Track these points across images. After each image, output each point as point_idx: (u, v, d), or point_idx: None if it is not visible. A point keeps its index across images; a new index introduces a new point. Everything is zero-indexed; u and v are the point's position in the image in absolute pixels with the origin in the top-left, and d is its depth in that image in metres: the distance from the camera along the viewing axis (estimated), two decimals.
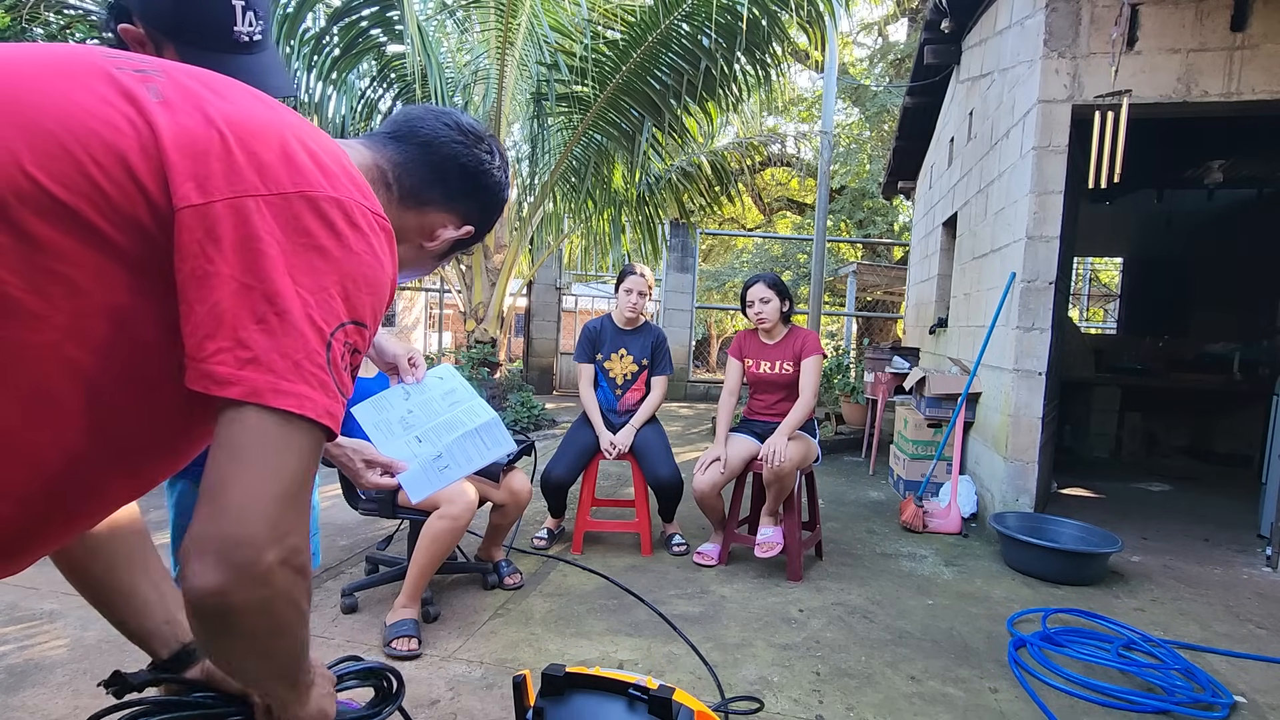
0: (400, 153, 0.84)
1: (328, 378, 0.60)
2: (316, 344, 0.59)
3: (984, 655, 2.24)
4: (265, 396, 0.56)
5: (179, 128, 0.59)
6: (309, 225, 0.61)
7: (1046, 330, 3.41)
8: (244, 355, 0.56)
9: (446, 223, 0.88)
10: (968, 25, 4.80)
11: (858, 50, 13.27)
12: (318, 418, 0.59)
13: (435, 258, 0.92)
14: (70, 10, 4.98)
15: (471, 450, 1.31)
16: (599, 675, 1.02)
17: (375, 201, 0.68)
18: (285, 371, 0.57)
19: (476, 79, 5.93)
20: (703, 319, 16.58)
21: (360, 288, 0.63)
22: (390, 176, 0.83)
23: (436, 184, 0.85)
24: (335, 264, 0.61)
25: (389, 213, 0.78)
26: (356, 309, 0.63)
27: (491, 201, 0.92)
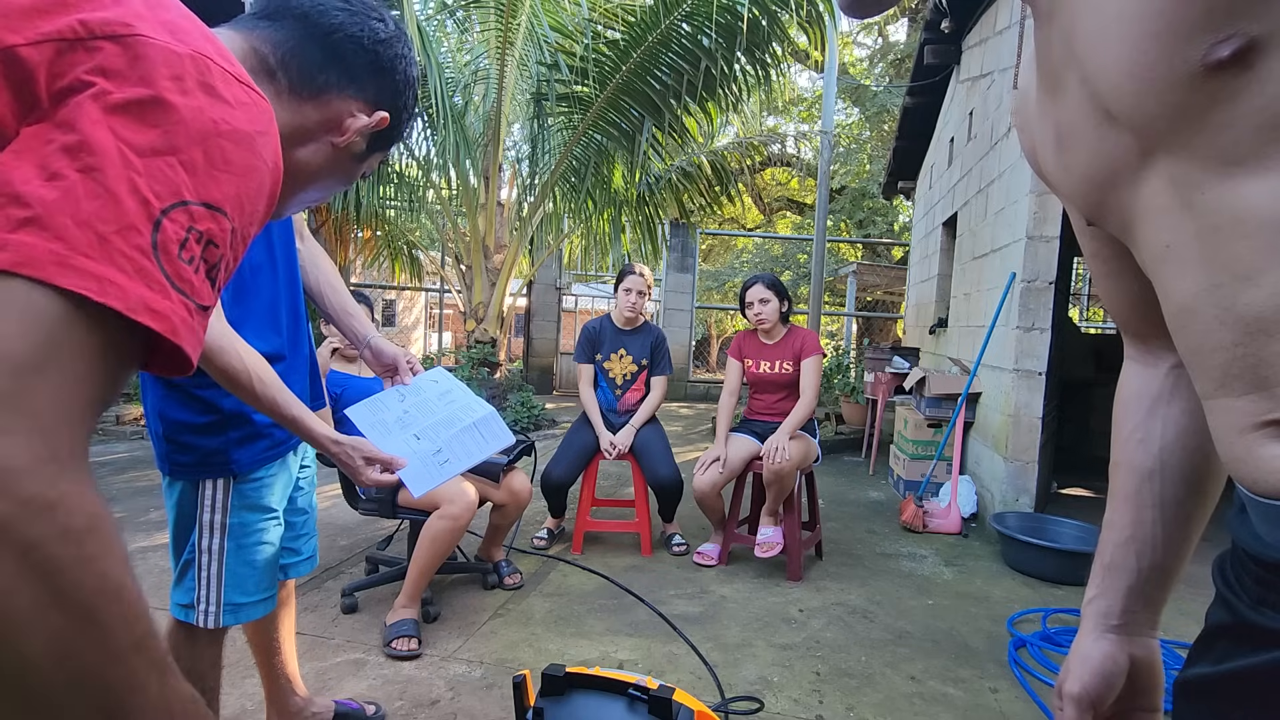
0: (277, 30, 0.70)
1: (151, 265, 0.42)
2: (138, 218, 0.42)
3: (984, 655, 2.24)
4: (44, 269, 0.38)
5: None
6: (148, 73, 0.45)
7: (1046, 330, 3.41)
8: (19, 215, 0.39)
9: (353, 109, 0.75)
10: (968, 25, 4.80)
11: (858, 50, 13.29)
12: (129, 311, 0.41)
13: (354, 159, 0.79)
14: None
15: (470, 444, 1.31)
16: (599, 675, 1.02)
17: (246, 77, 0.53)
18: (83, 245, 0.40)
19: (476, 79, 5.94)
20: (703, 319, 16.59)
21: (216, 162, 0.47)
22: (273, 61, 0.69)
23: (330, 64, 0.72)
24: (179, 124, 0.45)
25: (281, 108, 0.69)
26: (209, 188, 0.47)
27: (401, 80, 0.79)
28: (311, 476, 1.51)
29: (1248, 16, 0.34)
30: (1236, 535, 0.45)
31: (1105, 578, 0.62)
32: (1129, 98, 0.39)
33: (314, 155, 0.75)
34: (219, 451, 1.23)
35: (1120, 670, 0.59)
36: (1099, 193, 0.47)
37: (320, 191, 0.81)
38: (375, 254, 7.55)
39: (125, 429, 5.36)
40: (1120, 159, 0.43)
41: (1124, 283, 0.58)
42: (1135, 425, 0.61)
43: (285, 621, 1.56)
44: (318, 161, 0.76)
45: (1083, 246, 0.59)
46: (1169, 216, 0.41)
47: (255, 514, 1.27)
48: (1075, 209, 0.53)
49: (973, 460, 4.11)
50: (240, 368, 1.13)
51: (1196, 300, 0.40)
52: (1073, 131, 0.47)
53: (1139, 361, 0.62)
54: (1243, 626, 0.44)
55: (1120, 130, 0.42)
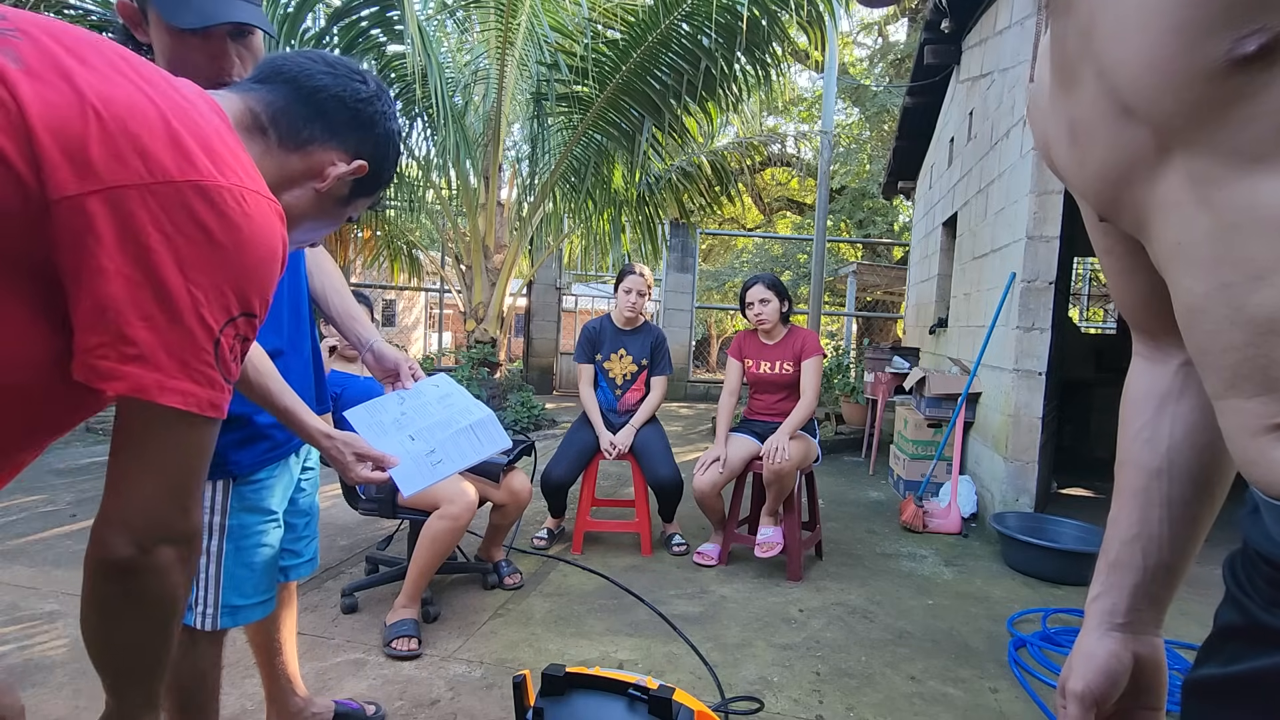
0: (270, 92, 0.80)
1: (215, 373, 0.61)
2: (205, 341, 0.60)
3: (984, 655, 2.24)
4: (152, 393, 0.57)
5: (47, 104, 0.54)
6: (201, 216, 0.58)
7: (1046, 330, 3.41)
8: (129, 352, 0.56)
9: (333, 159, 0.84)
10: (968, 25, 4.80)
11: (858, 50, 13.28)
12: (202, 411, 0.61)
13: (338, 203, 0.88)
14: (70, 10, 4.98)
15: (465, 445, 1.30)
16: (599, 675, 1.02)
17: (263, 183, 0.67)
18: (172, 370, 0.58)
19: (476, 79, 5.94)
20: (703, 319, 16.59)
21: (252, 278, 0.63)
22: (264, 119, 0.79)
23: (314, 119, 0.82)
24: (228, 257, 0.60)
25: (270, 160, 0.79)
26: (248, 300, 0.63)
27: (380, 133, 0.87)
28: (314, 479, 1.51)
29: (1274, 11, 0.33)
30: (1248, 535, 0.44)
31: (1110, 575, 0.62)
32: (1148, 92, 0.39)
33: (299, 199, 0.84)
34: (218, 453, 1.23)
35: (1124, 668, 0.59)
36: (1113, 188, 0.46)
37: (308, 233, 0.90)
38: (375, 254, 7.55)
39: None
40: (1136, 154, 0.43)
41: (1136, 279, 0.57)
42: (1143, 423, 0.61)
43: (286, 622, 1.56)
44: (302, 205, 0.84)
45: (1094, 243, 0.59)
46: (1184, 213, 0.41)
47: (254, 516, 1.27)
48: (1089, 205, 0.53)
49: (973, 460, 4.11)
50: None
51: (1207, 299, 0.40)
52: (1088, 126, 0.46)
53: (1148, 359, 0.62)
54: (1255, 628, 0.43)
55: (1137, 125, 0.41)
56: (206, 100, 0.68)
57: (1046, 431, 3.52)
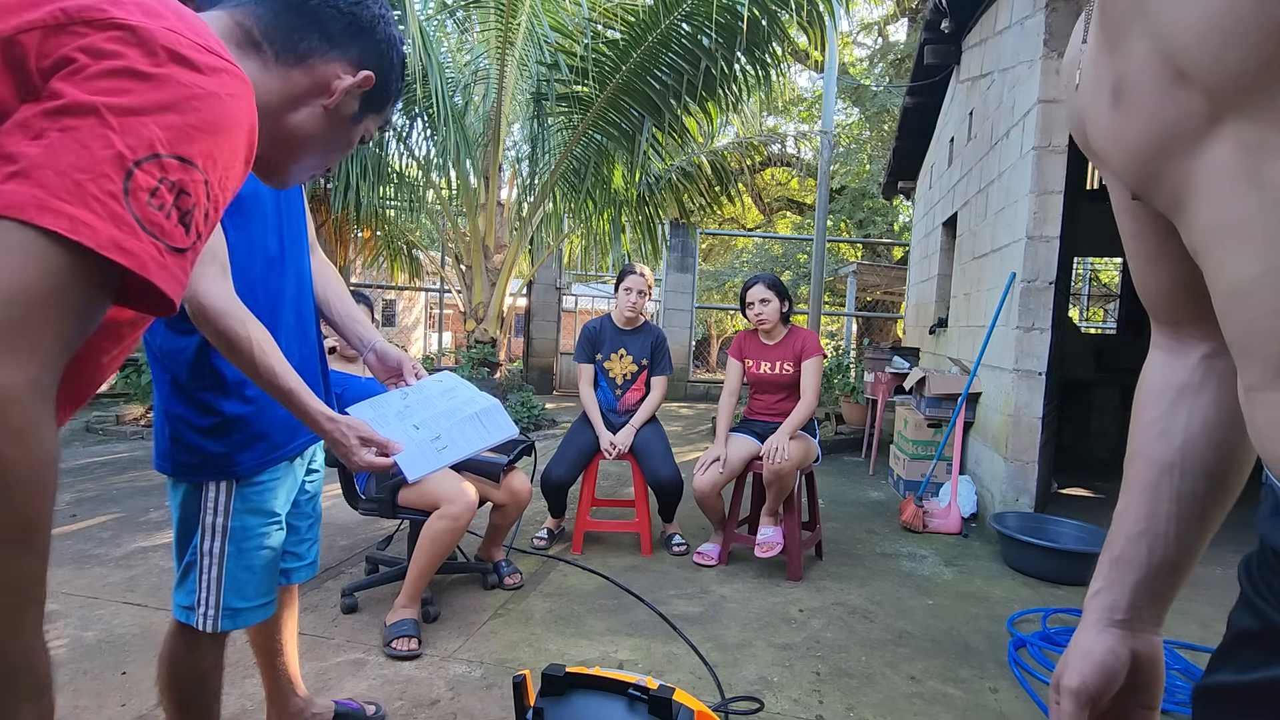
0: (259, 6, 0.74)
1: (121, 208, 0.48)
2: (110, 166, 0.48)
3: (984, 655, 2.24)
4: (25, 211, 0.45)
5: None
6: (123, 50, 0.50)
7: (1046, 330, 3.41)
8: (7, 170, 0.46)
9: (338, 71, 0.78)
10: (968, 25, 4.80)
11: (858, 50, 13.28)
12: (99, 248, 0.46)
13: (348, 121, 0.82)
14: None
15: (471, 432, 1.30)
16: (599, 675, 1.02)
17: (216, 43, 0.57)
18: (60, 190, 0.46)
19: (476, 79, 5.94)
20: (703, 319, 16.59)
21: (190, 122, 0.52)
22: (256, 33, 0.73)
23: (309, 29, 0.76)
24: (154, 89, 0.50)
25: (271, 77, 0.73)
26: (182, 144, 0.52)
27: (382, 39, 0.82)
28: (318, 481, 1.51)
29: None
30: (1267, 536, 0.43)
31: (1113, 571, 0.60)
32: (1211, 51, 0.36)
33: (307, 120, 0.78)
34: (223, 455, 1.23)
35: (1122, 666, 0.58)
36: (1153, 162, 0.44)
37: (320, 157, 0.84)
38: (375, 254, 7.55)
39: (125, 429, 5.36)
40: (1184, 122, 0.40)
41: (1163, 266, 0.55)
42: (1157, 416, 0.59)
43: (287, 623, 1.56)
44: (311, 126, 0.79)
45: (1122, 227, 0.57)
46: (1231, 188, 0.38)
47: (257, 518, 1.27)
48: (1122, 182, 0.51)
49: (973, 460, 4.11)
50: (242, 334, 1.13)
51: (1255, 283, 0.37)
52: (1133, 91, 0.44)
53: (1167, 350, 0.60)
54: (1272, 633, 0.41)
55: (1190, 90, 0.39)
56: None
57: (1046, 431, 3.52)
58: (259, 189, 1.30)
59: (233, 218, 1.25)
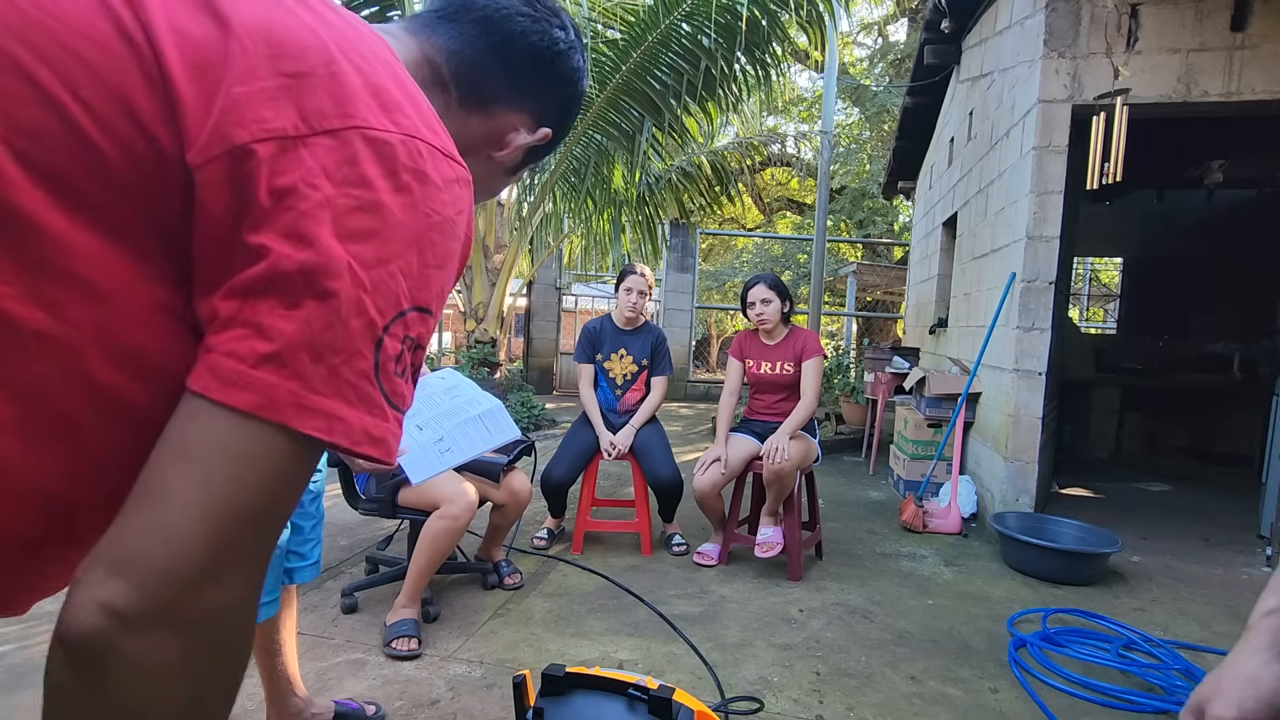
0: (454, 38, 0.66)
1: (373, 389, 0.45)
2: (363, 342, 0.44)
3: (984, 655, 2.24)
4: (284, 412, 0.41)
5: (184, 39, 0.43)
6: (366, 173, 0.45)
7: (1046, 330, 3.41)
8: (262, 349, 0.41)
9: (518, 124, 0.70)
10: (968, 25, 4.80)
11: (858, 50, 13.28)
12: (353, 446, 0.44)
13: (507, 172, 0.76)
14: None
15: (474, 434, 1.30)
16: (599, 675, 1.02)
17: (448, 139, 0.53)
18: (317, 381, 0.42)
19: None
20: (703, 319, 16.58)
21: (428, 261, 0.48)
22: (445, 72, 0.65)
23: (501, 74, 0.68)
24: (397, 228, 0.46)
25: (449, 120, 0.65)
26: (421, 290, 0.48)
27: (570, 94, 0.74)
28: (321, 481, 1.51)
29: None
30: None
31: None
32: None
33: (474, 168, 0.70)
34: None
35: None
36: None
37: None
38: None
39: None
40: None
41: None
42: None
43: (287, 622, 1.56)
44: (476, 175, 0.70)
45: None
46: None
47: None
48: None
49: (973, 460, 4.11)
50: None
51: None
52: None
53: None
54: None
55: None
56: (379, 39, 0.56)
57: (1046, 431, 3.53)
58: None
59: None
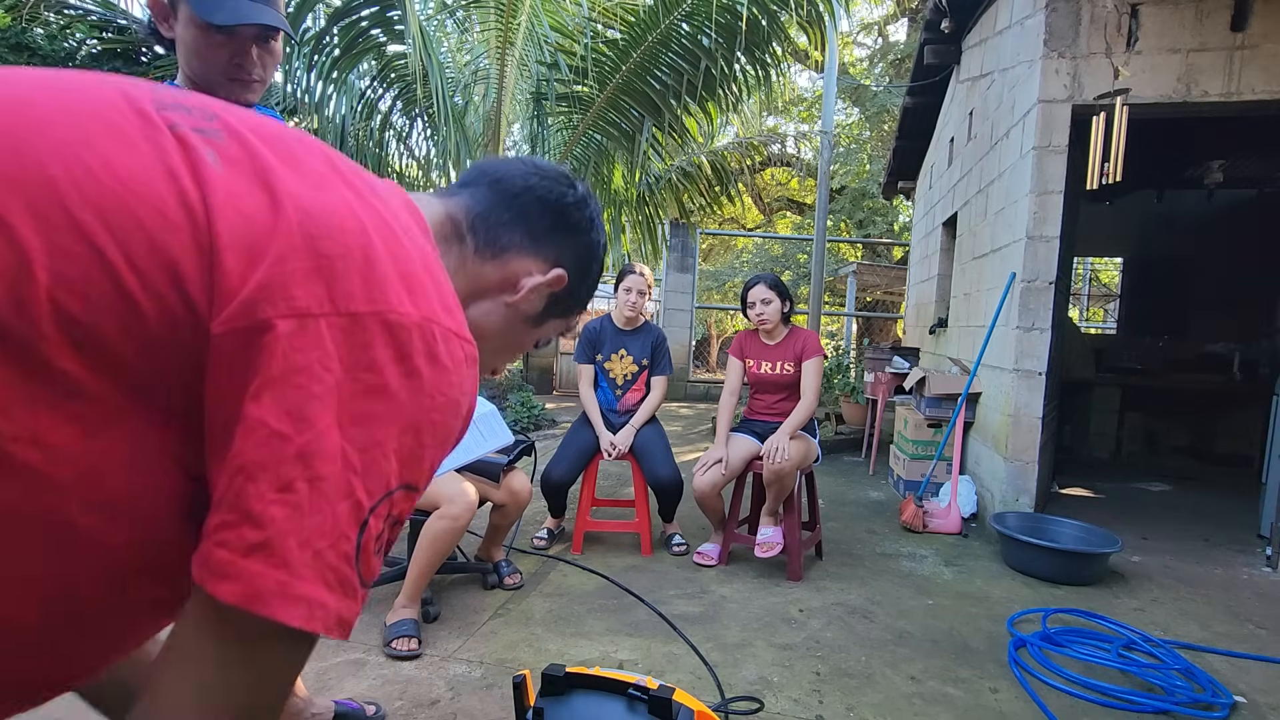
0: (471, 196, 0.73)
1: (350, 572, 0.47)
2: (349, 524, 0.46)
3: (984, 655, 2.23)
4: (270, 604, 0.43)
5: (238, 214, 0.46)
6: (377, 358, 0.47)
7: (1046, 330, 3.41)
8: (253, 538, 0.43)
9: (531, 269, 0.73)
10: (968, 25, 4.80)
11: (858, 50, 13.27)
12: (326, 631, 0.46)
13: (528, 322, 0.77)
14: (70, 10, 4.98)
15: (470, 440, 1.31)
16: (599, 675, 1.02)
17: (463, 320, 0.56)
18: (302, 566, 0.44)
19: (476, 79, 5.93)
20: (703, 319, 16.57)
21: (424, 441, 0.50)
22: (464, 226, 0.71)
23: (515, 223, 0.73)
24: (399, 411, 0.48)
25: (465, 271, 0.71)
26: (412, 469, 0.50)
27: (584, 241, 0.77)
28: None
29: None
30: None
31: None
32: None
33: (488, 315, 0.73)
34: None
35: None
36: None
37: (492, 356, 0.79)
38: None
39: None
40: None
41: None
42: None
43: None
44: (491, 322, 0.73)
45: None
46: None
47: None
48: None
49: (973, 460, 4.11)
50: None
51: None
52: None
53: None
54: None
55: None
56: (410, 210, 0.62)
57: (1046, 431, 3.52)
58: None
59: None
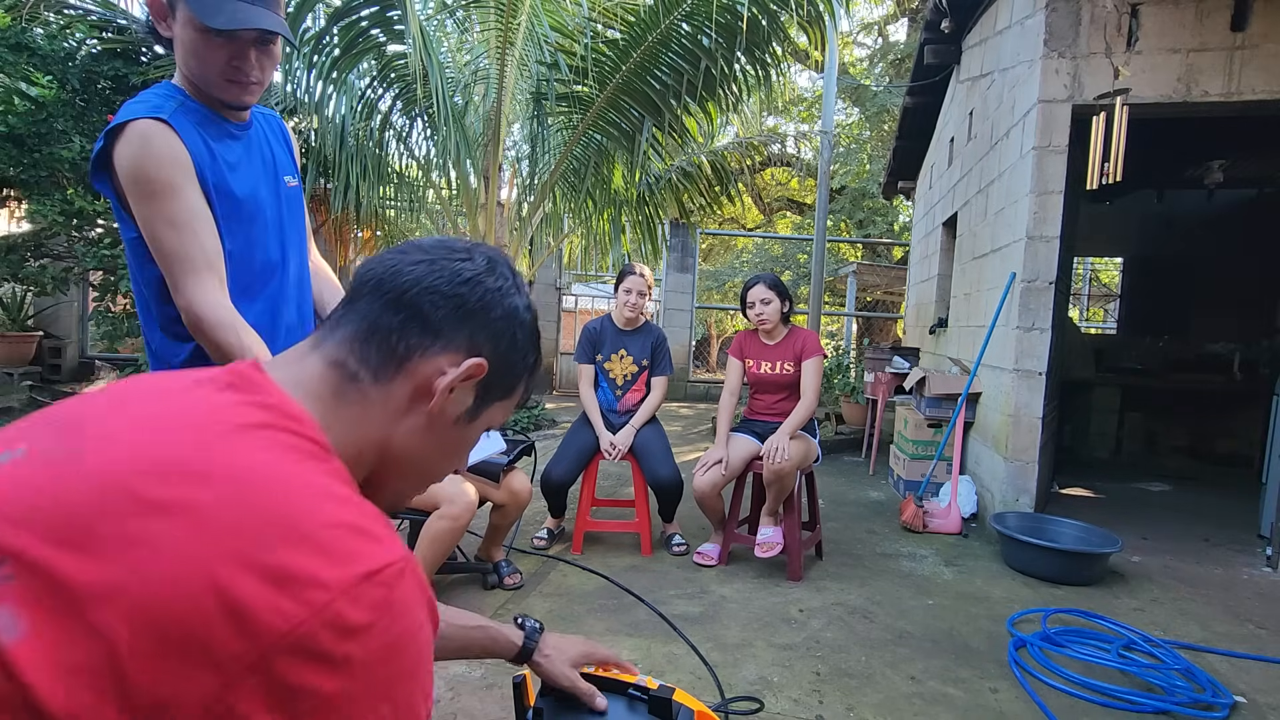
0: (353, 319, 0.63)
1: None
2: None
3: (984, 655, 2.23)
4: None
5: (52, 662, 0.41)
6: (303, 683, 0.44)
7: (1047, 330, 3.41)
8: None
9: (441, 366, 0.64)
10: (968, 25, 4.80)
11: (858, 50, 13.27)
12: None
13: (462, 420, 0.68)
14: (70, 10, 4.98)
15: None
16: (599, 675, 1.02)
17: (392, 548, 0.51)
18: None
19: (476, 79, 5.93)
20: (703, 319, 16.58)
21: (400, 706, 0.49)
22: (351, 361, 0.62)
23: (408, 325, 0.63)
24: (352, 711, 0.46)
25: (371, 410, 0.62)
26: None
27: (495, 316, 0.67)
28: None
29: None
30: None
31: None
32: None
33: (410, 435, 0.65)
34: None
35: None
36: None
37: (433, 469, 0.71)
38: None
39: None
40: None
41: None
42: None
43: None
44: (416, 441, 0.65)
45: None
46: None
47: None
48: None
49: (973, 460, 4.11)
50: (236, 344, 1.18)
51: None
52: None
53: None
54: None
55: None
56: (278, 425, 0.54)
57: (1047, 431, 3.52)
58: (258, 194, 1.31)
59: (229, 223, 1.26)
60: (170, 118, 1.20)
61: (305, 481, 0.51)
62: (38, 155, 4.70)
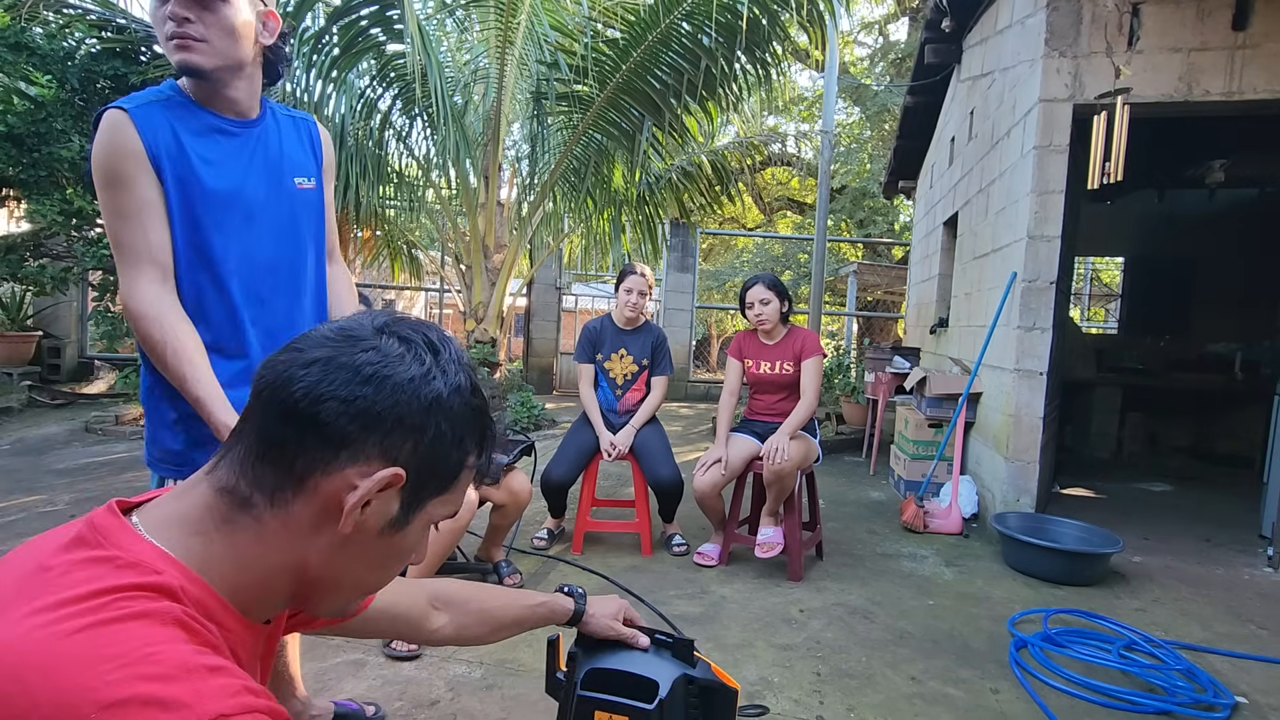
0: (249, 436, 0.58)
1: None
2: None
3: (985, 656, 2.23)
4: None
5: None
6: None
7: (1048, 330, 3.41)
8: None
9: (350, 480, 0.56)
10: (968, 24, 4.80)
11: (858, 49, 13.27)
12: None
13: (388, 531, 0.60)
14: (70, 10, 4.97)
15: None
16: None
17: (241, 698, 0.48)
18: None
19: (476, 78, 5.93)
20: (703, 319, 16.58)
21: None
22: (244, 484, 0.57)
23: (305, 439, 0.56)
24: None
25: (267, 537, 0.57)
26: None
27: (408, 412, 0.58)
28: None
29: None
30: None
31: None
32: None
33: (326, 556, 0.59)
34: (181, 451, 1.30)
35: None
36: None
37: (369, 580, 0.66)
38: (375, 254, 7.55)
39: (125, 429, 5.35)
40: None
41: None
42: None
43: None
44: (335, 560, 0.59)
45: None
46: None
47: None
48: None
49: (973, 460, 4.10)
50: (158, 337, 1.17)
51: None
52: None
53: None
54: None
55: None
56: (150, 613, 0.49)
57: (1047, 431, 3.52)
58: (244, 190, 1.31)
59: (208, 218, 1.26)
60: (135, 109, 1.20)
61: (102, 656, 0.45)
62: (37, 155, 4.70)
